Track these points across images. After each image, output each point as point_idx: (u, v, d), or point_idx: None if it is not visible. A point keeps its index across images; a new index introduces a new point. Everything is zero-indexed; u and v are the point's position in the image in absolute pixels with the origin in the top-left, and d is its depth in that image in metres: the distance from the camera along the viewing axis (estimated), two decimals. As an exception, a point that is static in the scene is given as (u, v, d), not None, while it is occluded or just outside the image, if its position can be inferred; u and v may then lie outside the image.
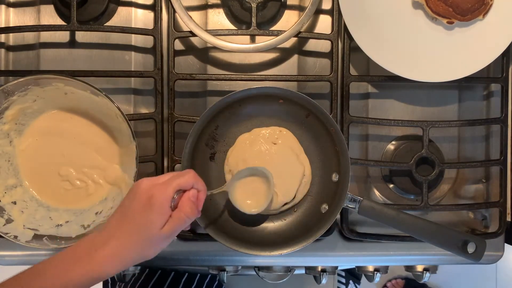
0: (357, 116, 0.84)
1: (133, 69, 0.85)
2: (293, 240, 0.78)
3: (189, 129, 0.77)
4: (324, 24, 0.86)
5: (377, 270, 0.89)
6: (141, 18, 0.86)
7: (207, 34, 0.79)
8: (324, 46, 0.86)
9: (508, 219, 0.87)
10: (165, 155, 0.82)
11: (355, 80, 0.84)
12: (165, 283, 1.03)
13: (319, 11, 0.85)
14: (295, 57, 0.87)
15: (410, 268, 0.90)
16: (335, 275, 1.25)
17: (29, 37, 0.85)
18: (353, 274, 1.57)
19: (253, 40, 0.85)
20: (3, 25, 0.85)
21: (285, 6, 0.86)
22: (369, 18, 0.81)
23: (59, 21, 0.85)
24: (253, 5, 0.80)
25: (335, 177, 0.80)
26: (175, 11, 0.79)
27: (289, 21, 0.86)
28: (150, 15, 0.85)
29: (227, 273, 0.88)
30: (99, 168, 0.81)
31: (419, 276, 0.89)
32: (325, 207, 0.80)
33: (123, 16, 0.85)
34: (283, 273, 0.88)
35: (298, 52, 0.87)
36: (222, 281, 0.87)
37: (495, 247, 0.87)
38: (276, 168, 0.80)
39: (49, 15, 0.85)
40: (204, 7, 0.86)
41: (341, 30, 0.83)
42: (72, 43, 0.85)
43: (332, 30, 0.82)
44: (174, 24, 0.81)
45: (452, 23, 0.81)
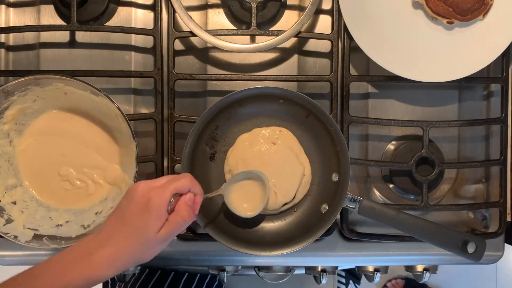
0: (357, 116, 0.84)
1: (133, 69, 0.85)
2: (293, 240, 0.78)
3: (189, 129, 0.77)
4: (324, 24, 0.86)
5: (377, 270, 0.89)
6: (141, 18, 0.86)
7: (207, 34, 0.79)
8: (324, 46, 0.86)
9: (508, 219, 0.87)
10: (165, 155, 0.82)
11: (355, 80, 0.84)
12: (165, 283, 1.03)
13: (319, 11, 0.85)
14: (295, 57, 0.87)
15: (410, 268, 0.90)
16: (335, 275, 1.25)
17: (29, 37, 0.85)
18: (353, 274, 1.57)
19: (253, 40, 0.85)
20: (3, 25, 0.85)
21: (285, 6, 0.86)
22: (369, 18, 0.81)
23: (59, 21, 0.85)
24: (253, 5, 0.80)
25: (335, 177, 0.80)
26: (175, 11, 0.79)
27: (289, 21, 0.86)
28: (150, 15, 0.85)
29: (227, 273, 0.88)
30: (99, 168, 0.81)
31: (419, 276, 0.89)
32: (325, 207, 0.80)
33: (123, 16, 0.85)
34: (283, 273, 0.88)
35: (298, 52, 0.87)
36: (222, 281, 0.87)
37: (495, 247, 0.87)
38: (276, 168, 0.80)
39: (49, 15, 0.85)
40: (204, 7, 0.86)
41: (341, 30, 0.83)
42: (72, 43, 0.85)
43: (332, 30, 0.82)
44: (174, 24, 0.81)
45: (452, 23, 0.81)
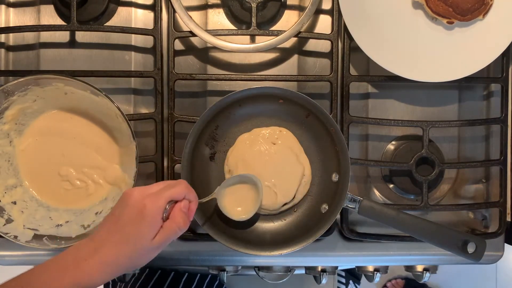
0: (357, 116, 0.84)
1: (133, 69, 0.85)
2: (293, 240, 0.78)
3: (189, 129, 0.77)
4: (324, 24, 0.86)
5: (377, 270, 0.89)
6: (141, 18, 0.86)
7: (207, 34, 0.79)
8: (324, 46, 0.86)
9: (508, 219, 0.87)
10: (165, 155, 0.82)
11: (355, 80, 0.84)
12: (165, 283, 1.03)
13: (319, 11, 0.85)
14: (295, 57, 0.87)
15: (410, 268, 0.90)
16: (335, 275, 1.25)
17: (29, 37, 0.85)
18: (353, 274, 1.57)
19: (253, 40, 0.85)
20: (3, 25, 0.85)
21: (285, 6, 0.86)
22: (369, 18, 0.81)
23: (59, 21, 0.85)
24: (253, 5, 0.80)
25: (335, 177, 0.80)
26: (175, 11, 0.79)
27: (289, 21, 0.86)
28: (150, 15, 0.85)
29: (227, 273, 0.88)
30: (99, 168, 0.81)
31: (419, 276, 0.89)
32: (325, 207, 0.80)
33: (123, 16, 0.85)
34: (283, 273, 0.88)
35: (298, 52, 0.87)
36: (222, 281, 0.87)
37: (495, 247, 0.87)
38: (276, 168, 0.80)
39: (49, 15, 0.85)
40: (204, 7, 0.86)
41: (341, 30, 0.83)
42: (72, 43, 0.85)
43: (332, 30, 0.82)
44: (174, 24, 0.81)
45: (452, 23, 0.81)
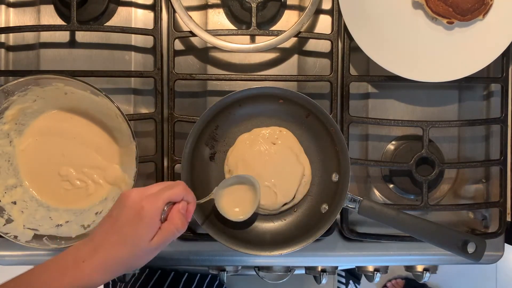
0: (357, 116, 0.84)
1: (133, 69, 0.85)
2: (293, 240, 0.78)
3: (189, 129, 0.77)
4: (324, 24, 0.86)
5: (377, 270, 0.89)
6: (141, 18, 0.86)
7: (207, 34, 0.79)
8: (324, 46, 0.86)
9: (508, 219, 0.87)
10: (165, 155, 0.82)
11: (355, 80, 0.84)
12: (165, 283, 1.03)
13: (319, 11, 0.85)
14: (295, 57, 0.87)
15: (410, 268, 0.90)
16: (335, 275, 1.25)
17: (29, 37, 0.85)
18: (353, 274, 1.58)
19: (253, 40, 0.85)
20: (3, 25, 0.85)
21: (285, 6, 0.86)
22: (369, 18, 0.81)
23: (59, 21, 0.85)
24: (253, 5, 0.80)
25: (335, 177, 0.80)
26: (175, 11, 0.79)
27: (289, 21, 0.86)
28: (150, 15, 0.85)
29: (227, 273, 0.88)
30: (99, 168, 0.81)
31: (419, 276, 0.89)
32: (325, 207, 0.80)
33: (123, 16, 0.85)
34: (283, 273, 0.88)
35: (298, 52, 0.87)
36: (222, 281, 0.87)
37: (495, 247, 0.87)
38: (276, 168, 0.80)
39: (49, 15, 0.85)
40: (204, 7, 0.86)
41: (341, 30, 0.83)
42: (72, 43, 0.85)
43: (332, 30, 0.82)
44: (174, 24, 0.81)
45: (452, 23, 0.81)
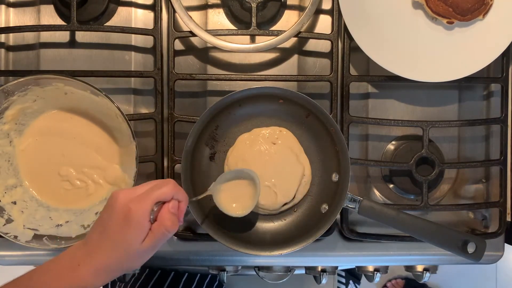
0: (357, 116, 0.84)
1: (133, 69, 0.85)
2: (293, 240, 0.78)
3: (189, 129, 0.77)
4: (324, 24, 0.86)
5: (377, 270, 0.89)
6: (141, 18, 0.86)
7: (207, 34, 0.79)
8: (324, 46, 0.86)
9: (508, 219, 0.87)
10: (165, 155, 0.82)
11: (355, 80, 0.84)
12: (165, 283, 1.03)
13: (319, 11, 0.85)
14: (295, 57, 0.87)
15: (410, 268, 0.90)
16: (335, 275, 1.25)
17: (29, 37, 0.85)
18: (353, 274, 1.58)
19: (253, 40, 0.85)
20: (3, 25, 0.85)
21: (285, 6, 0.86)
22: (369, 18, 0.81)
23: (59, 21, 0.85)
24: (253, 5, 0.80)
25: (335, 177, 0.80)
26: (175, 11, 0.79)
27: (289, 21, 0.86)
28: (150, 15, 0.85)
29: (227, 273, 0.88)
30: (99, 168, 0.81)
31: (419, 276, 0.89)
32: (325, 207, 0.80)
33: (123, 16, 0.85)
34: (283, 273, 0.88)
35: (298, 52, 0.87)
36: (222, 281, 0.87)
37: (495, 247, 0.87)
38: (276, 168, 0.80)
39: (49, 15, 0.85)
40: (204, 7, 0.86)
41: (341, 30, 0.83)
42: (72, 43, 0.85)
43: (332, 30, 0.82)
44: (174, 24, 0.81)
45: (452, 23, 0.81)
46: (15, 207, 0.78)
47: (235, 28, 0.85)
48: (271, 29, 0.85)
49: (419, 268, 0.89)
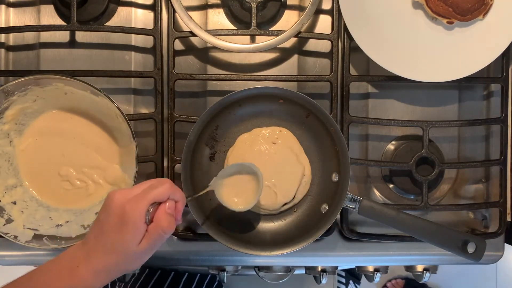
0: (357, 116, 0.84)
1: (133, 69, 0.85)
2: (293, 240, 0.78)
3: (189, 129, 0.77)
4: (324, 24, 0.86)
5: (377, 270, 0.89)
6: (141, 18, 0.86)
7: (207, 34, 0.79)
8: (324, 46, 0.86)
9: (508, 219, 0.87)
10: (165, 155, 0.82)
11: (355, 80, 0.84)
12: (165, 283, 1.03)
13: (319, 11, 0.85)
14: (295, 57, 0.87)
15: (410, 268, 0.90)
16: (335, 275, 1.25)
17: (29, 37, 0.85)
18: (353, 274, 1.58)
19: (253, 40, 0.85)
20: (3, 25, 0.85)
21: (285, 6, 0.86)
22: (369, 18, 0.81)
23: (59, 21, 0.85)
24: (253, 5, 0.80)
25: (335, 177, 0.80)
26: (175, 11, 0.79)
27: (289, 21, 0.86)
28: (150, 15, 0.85)
29: (227, 273, 0.88)
30: (99, 168, 0.81)
31: (419, 276, 0.89)
32: (325, 207, 0.80)
33: (123, 16, 0.85)
34: (283, 273, 0.88)
35: (298, 52, 0.87)
36: (222, 281, 0.87)
37: (495, 247, 0.87)
38: (276, 168, 0.80)
39: (49, 15, 0.85)
40: (204, 7, 0.86)
41: (341, 30, 0.83)
42: (72, 43, 0.85)
43: (332, 30, 0.82)
44: (174, 24, 0.81)
45: (452, 23, 0.81)
46: (15, 207, 0.78)
47: (235, 28, 0.85)
48: (271, 29, 0.85)
49: (419, 268, 0.89)
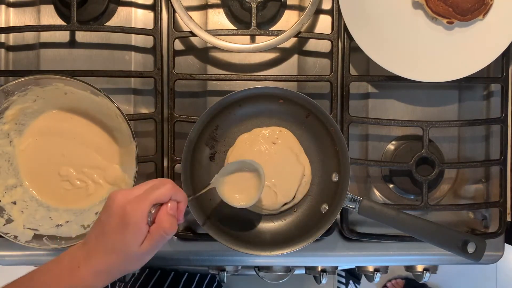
0: (357, 116, 0.84)
1: (133, 69, 0.85)
2: (293, 240, 0.78)
3: (189, 129, 0.77)
4: (324, 24, 0.86)
5: (377, 270, 0.89)
6: (141, 18, 0.86)
7: (207, 34, 0.79)
8: (324, 46, 0.86)
9: (508, 219, 0.87)
10: (165, 155, 0.82)
11: (355, 80, 0.84)
12: (165, 283, 1.03)
13: (319, 11, 0.85)
14: (295, 57, 0.87)
15: (410, 268, 0.90)
16: (335, 275, 1.25)
17: (29, 37, 0.85)
18: (353, 274, 1.58)
19: (253, 40, 0.85)
20: (3, 25, 0.85)
21: (285, 6, 0.86)
22: (369, 18, 0.81)
23: (59, 21, 0.85)
24: (253, 5, 0.80)
25: (335, 177, 0.80)
26: (175, 11, 0.79)
27: (289, 21, 0.86)
28: (150, 15, 0.85)
29: (227, 273, 0.88)
30: (99, 168, 0.81)
31: (419, 276, 0.89)
32: (325, 207, 0.80)
33: (123, 16, 0.85)
34: (283, 273, 0.88)
35: (298, 52, 0.87)
36: (222, 281, 0.87)
37: (495, 247, 0.87)
38: (276, 168, 0.80)
39: (49, 15, 0.85)
40: (204, 7, 0.86)
41: (341, 30, 0.83)
42: (72, 43, 0.85)
43: (332, 30, 0.82)
44: (174, 24, 0.81)
45: (452, 23, 0.81)
46: (15, 207, 0.78)
47: (235, 28, 0.85)
48: (271, 29, 0.85)
49: (419, 268, 0.89)
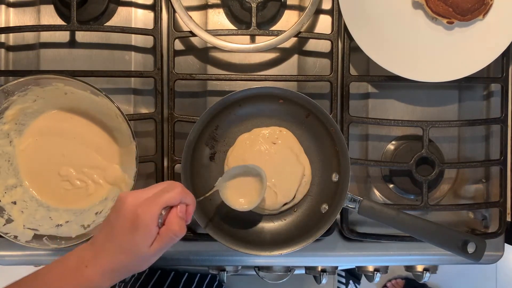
0: (357, 116, 0.84)
1: (133, 69, 0.85)
2: (293, 240, 0.78)
3: (189, 129, 0.77)
4: (324, 24, 0.86)
5: (377, 270, 0.89)
6: (141, 18, 0.86)
7: (207, 34, 0.79)
8: (324, 46, 0.86)
9: (508, 219, 0.87)
10: (165, 155, 0.82)
11: (355, 80, 0.84)
12: (165, 283, 1.03)
13: (319, 11, 0.85)
14: (295, 57, 0.87)
15: (410, 268, 0.90)
16: (335, 275, 1.25)
17: (29, 37, 0.85)
18: (353, 274, 1.58)
19: (253, 40, 0.85)
20: (3, 25, 0.85)
21: (285, 6, 0.86)
22: (369, 18, 0.82)
23: (59, 21, 0.85)
24: (253, 5, 0.80)
25: (335, 177, 0.80)
26: (175, 11, 0.79)
27: (289, 21, 0.86)
28: (150, 15, 0.85)
29: (227, 273, 0.88)
30: (99, 168, 0.81)
31: (419, 276, 0.89)
32: (325, 207, 0.80)
33: (123, 16, 0.85)
34: (283, 273, 0.88)
35: (298, 52, 0.87)
36: (222, 281, 0.87)
37: (495, 247, 0.87)
38: (276, 168, 0.80)
39: (49, 15, 0.85)
40: (204, 7, 0.86)
41: (341, 30, 0.83)
42: (72, 43, 0.85)
43: (332, 30, 0.82)
44: (174, 24, 0.81)
45: (452, 23, 0.81)
46: (15, 207, 0.78)
47: (235, 28, 0.85)
48: (271, 29, 0.85)
49: (419, 268, 0.89)
